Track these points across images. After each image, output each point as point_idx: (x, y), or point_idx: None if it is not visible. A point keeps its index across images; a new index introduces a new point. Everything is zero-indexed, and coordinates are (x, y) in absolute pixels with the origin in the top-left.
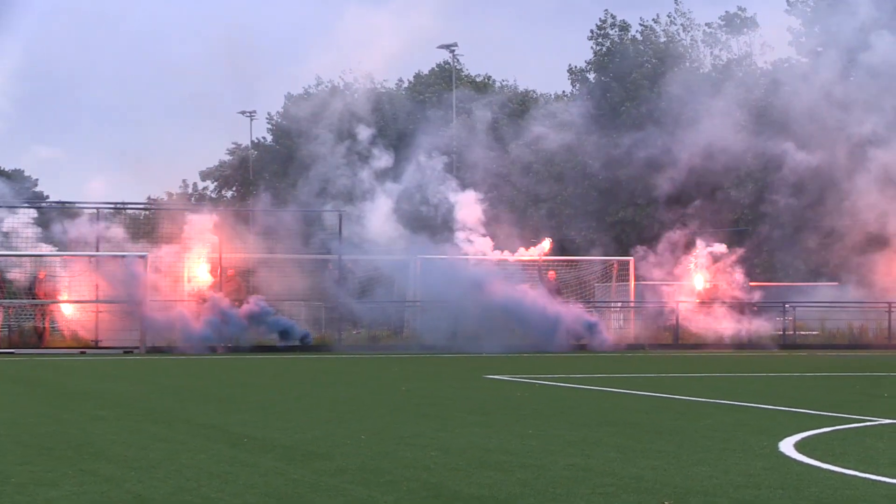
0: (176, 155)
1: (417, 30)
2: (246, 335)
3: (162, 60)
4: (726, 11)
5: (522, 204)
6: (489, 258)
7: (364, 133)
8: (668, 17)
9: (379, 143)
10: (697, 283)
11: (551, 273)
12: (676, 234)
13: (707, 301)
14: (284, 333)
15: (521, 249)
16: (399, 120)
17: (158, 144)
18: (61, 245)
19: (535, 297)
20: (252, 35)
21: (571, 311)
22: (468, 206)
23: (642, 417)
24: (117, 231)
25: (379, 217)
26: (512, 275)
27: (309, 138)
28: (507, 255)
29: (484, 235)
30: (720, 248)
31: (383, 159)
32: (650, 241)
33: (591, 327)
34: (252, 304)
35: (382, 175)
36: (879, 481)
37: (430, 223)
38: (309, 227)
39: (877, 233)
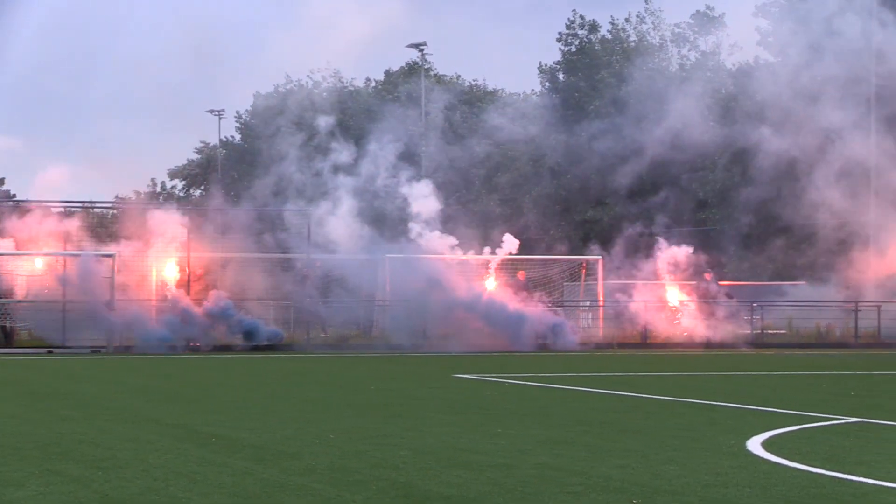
0: (144, 153)
1: (388, 28)
2: (207, 335)
3: (129, 57)
4: (697, 10)
5: (480, 198)
6: (455, 258)
7: (323, 123)
8: (638, 16)
9: (339, 136)
10: (667, 285)
11: (521, 273)
12: (640, 233)
13: (677, 301)
14: (249, 334)
15: (486, 249)
16: (363, 117)
17: (126, 142)
18: (18, 242)
19: (497, 296)
20: (221, 32)
21: (536, 311)
22: (424, 198)
23: (612, 416)
24: (83, 229)
25: (341, 215)
26: (474, 274)
27: (272, 134)
28: (472, 254)
29: (443, 233)
30: (685, 249)
31: (344, 153)
32: (616, 239)
33: (556, 327)
34: (212, 302)
35: (343, 170)
36: (846, 479)
37: (388, 217)
38: (271, 226)
39: (844, 232)
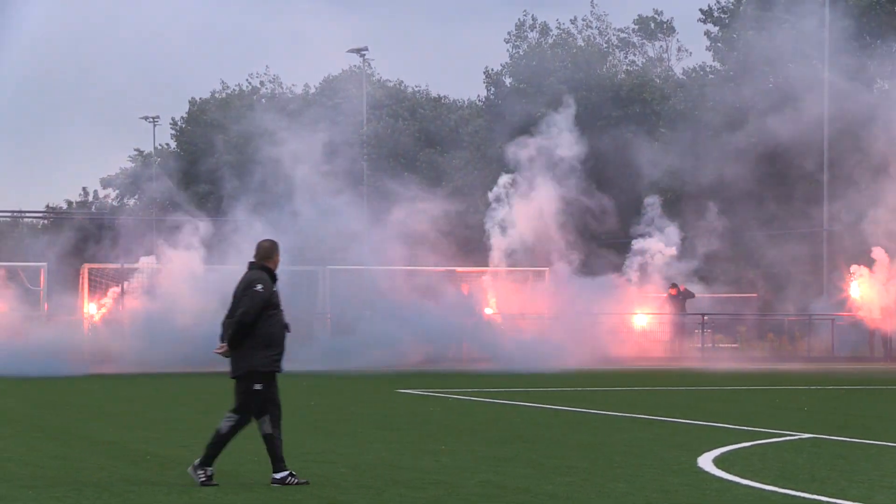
0: (75, 162)
1: (329, 32)
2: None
3: (61, 61)
4: (639, 15)
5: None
6: (408, 268)
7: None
8: (584, 20)
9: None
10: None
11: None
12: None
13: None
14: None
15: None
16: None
17: (56, 150)
18: None
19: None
20: (155, 37)
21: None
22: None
23: (556, 432)
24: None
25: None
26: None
27: (215, 148)
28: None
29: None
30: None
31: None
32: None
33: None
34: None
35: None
36: (798, 497)
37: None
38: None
39: (799, 244)
